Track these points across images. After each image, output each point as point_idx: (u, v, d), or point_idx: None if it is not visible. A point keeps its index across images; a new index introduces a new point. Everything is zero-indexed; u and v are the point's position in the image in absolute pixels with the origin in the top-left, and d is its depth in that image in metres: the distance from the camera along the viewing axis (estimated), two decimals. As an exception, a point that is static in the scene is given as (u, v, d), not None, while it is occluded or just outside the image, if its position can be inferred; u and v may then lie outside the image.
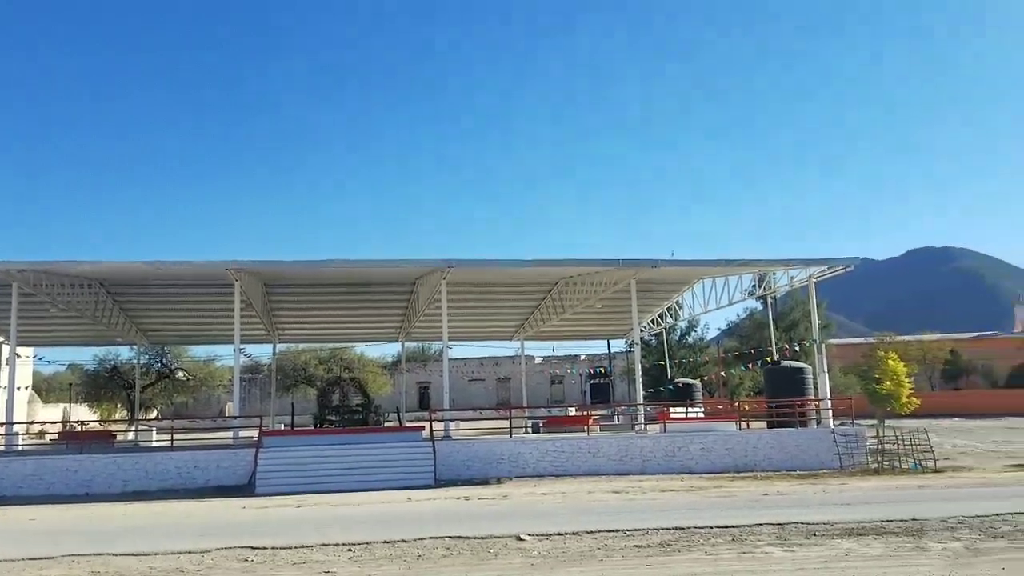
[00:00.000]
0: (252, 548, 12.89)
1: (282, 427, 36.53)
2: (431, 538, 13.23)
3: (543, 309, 39.62)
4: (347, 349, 56.27)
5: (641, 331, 45.82)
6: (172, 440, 26.88)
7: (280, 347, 48.90)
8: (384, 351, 65.33)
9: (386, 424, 32.39)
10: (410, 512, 17.69)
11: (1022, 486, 20.99)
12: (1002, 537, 12.61)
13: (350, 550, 12.58)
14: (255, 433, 26.61)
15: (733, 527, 13.76)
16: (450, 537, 13.27)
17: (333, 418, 31.29)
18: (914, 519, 14.23)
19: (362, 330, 44.93)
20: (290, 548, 12.83)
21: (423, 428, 27.51)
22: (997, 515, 14.56)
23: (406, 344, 49.21)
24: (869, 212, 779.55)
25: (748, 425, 30.09)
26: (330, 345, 54.35)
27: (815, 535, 12.95)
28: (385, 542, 13.06)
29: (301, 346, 54.19)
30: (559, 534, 13.36)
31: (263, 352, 53.32)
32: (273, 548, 12.85)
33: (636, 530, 13.65)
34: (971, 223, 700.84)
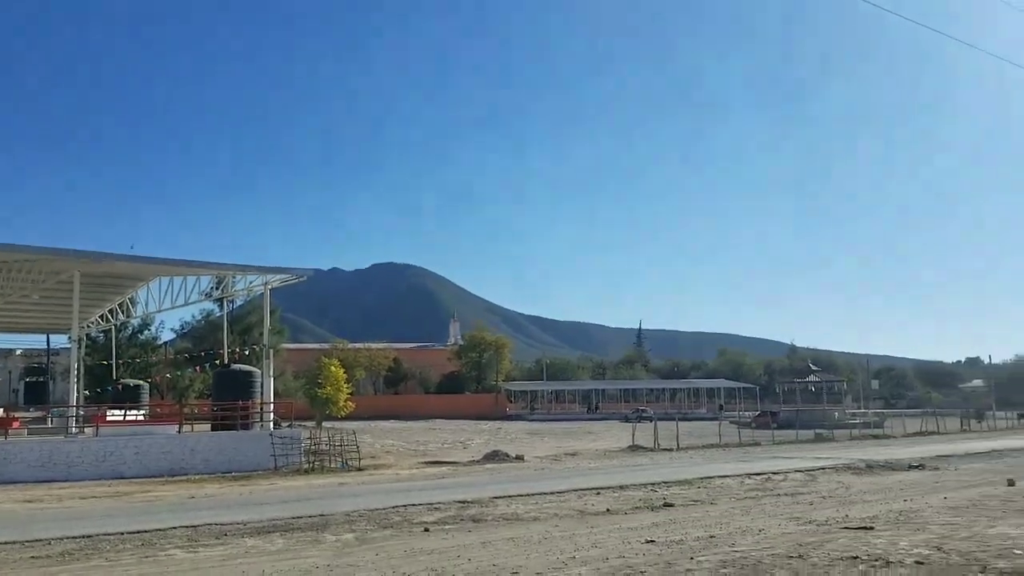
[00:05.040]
0: None
1: None
2: None
3: (-35, 296, 34.61)
4: None
5: (88, 327, 42.80)
6: None
7: None
8: None
9: None
10: None
11: (425, 480, 24.50)
12: (391, 527, 14.50)
13: None
14: None
15: (146, 532, 13.74)
16: None
17: None
18: (322, 515, 15.71)
19: None
20: None
21: None
22: (392, 507, 16.81)
23: None
24: (345, 225, 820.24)
25: (192, 428, 30.07)
26: None
27: (225, 535, 13.56)
28: None
29: None
30: (-66, 554, 11.98)
31: None
32: None
33: (37, 541, 12.87)
34: (426, 244, 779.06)
